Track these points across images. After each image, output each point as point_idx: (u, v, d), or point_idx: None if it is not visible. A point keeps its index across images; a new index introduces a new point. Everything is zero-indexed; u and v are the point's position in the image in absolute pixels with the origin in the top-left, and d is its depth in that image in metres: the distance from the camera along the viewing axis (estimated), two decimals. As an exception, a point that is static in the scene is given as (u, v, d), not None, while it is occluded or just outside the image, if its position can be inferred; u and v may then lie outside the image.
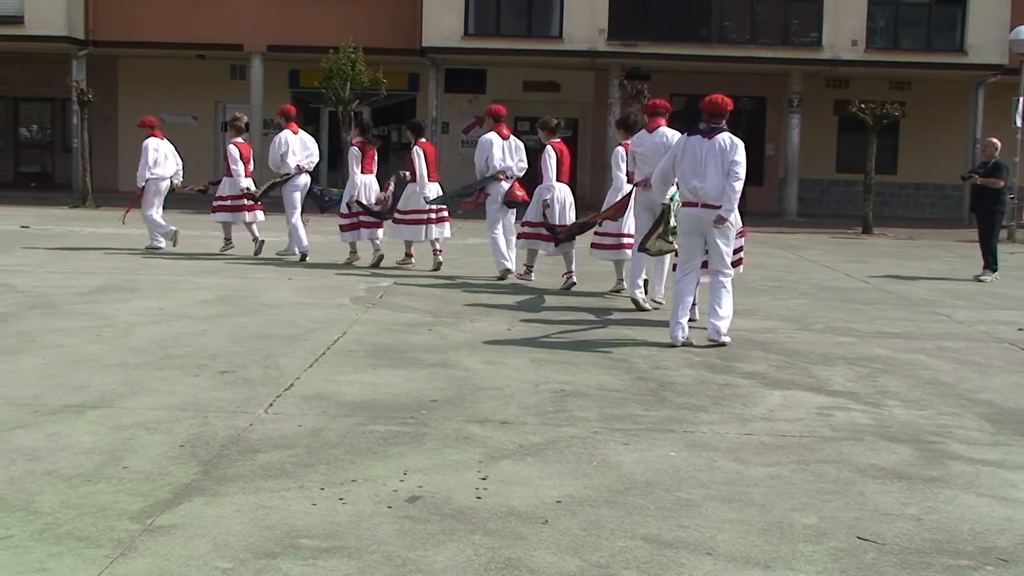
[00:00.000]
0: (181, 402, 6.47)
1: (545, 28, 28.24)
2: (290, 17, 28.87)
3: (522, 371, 7.69)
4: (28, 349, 7.96)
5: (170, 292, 11.14)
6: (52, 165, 32.54)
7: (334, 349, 8.29)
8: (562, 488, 5.05)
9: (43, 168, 32.76)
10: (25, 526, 4.39)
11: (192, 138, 28.17)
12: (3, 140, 33.28)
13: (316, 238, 15.79)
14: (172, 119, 29.78)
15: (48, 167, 32.64)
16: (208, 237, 16.69)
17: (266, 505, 4.71)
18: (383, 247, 14.36)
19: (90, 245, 15.74)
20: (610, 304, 11.29)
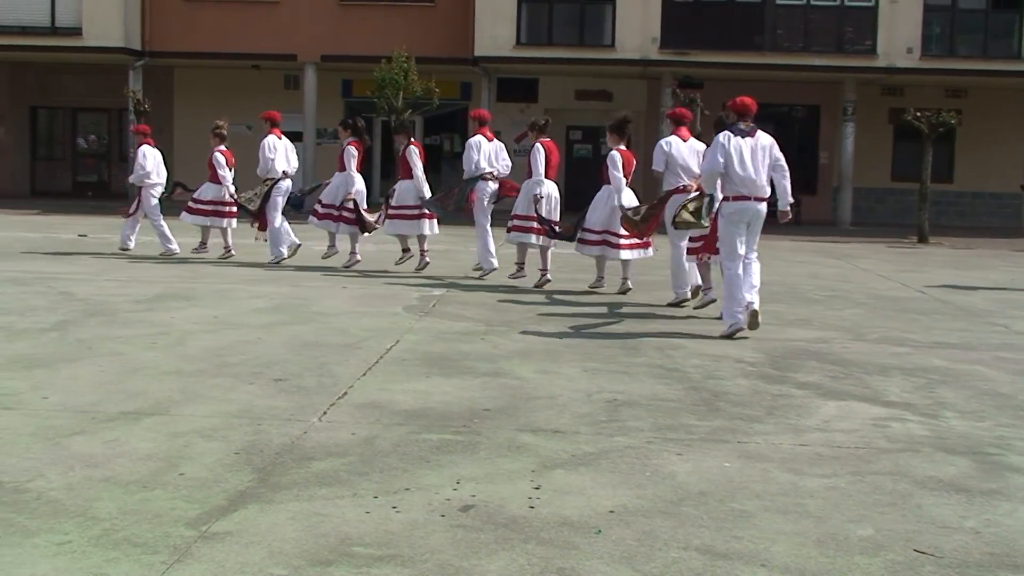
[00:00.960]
0: (236, 410, 6.52)
1: (597, 37, 28.24)
2: (343, 27, 29.09)
3: (575, 380, 7.67)
4: (86, 356, 8.05)
5: (225, 301, 11.23)
6: (108, 174, 32.94)
7: (387, 358, 8.32)
8: (615, 498, 5.04)
9: (100, 177, 33.18)
10: (83, 532, 4.44)
11: (246, 148, 28.35)
12: (61, 150, 33.74)
13: (368, 247, 15.87)
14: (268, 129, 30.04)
15: (105, 176, 33.04)
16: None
17: (320, 513, 4.73)
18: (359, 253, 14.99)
19: (146, 253, 15.89)
20: (663, 312, 11.25)
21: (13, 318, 9.73)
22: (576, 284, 13.34)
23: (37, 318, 9.77)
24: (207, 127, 16.38)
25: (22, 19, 28.71)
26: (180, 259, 15.36)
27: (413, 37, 27.57)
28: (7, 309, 10.24)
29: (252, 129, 29.30)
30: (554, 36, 28.34)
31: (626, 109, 30.74)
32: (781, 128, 32.58)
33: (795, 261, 18.38)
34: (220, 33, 29.07)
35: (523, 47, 28.06)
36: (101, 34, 28.45)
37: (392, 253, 15.16)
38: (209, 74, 31.36)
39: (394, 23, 28.68)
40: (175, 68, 31.39)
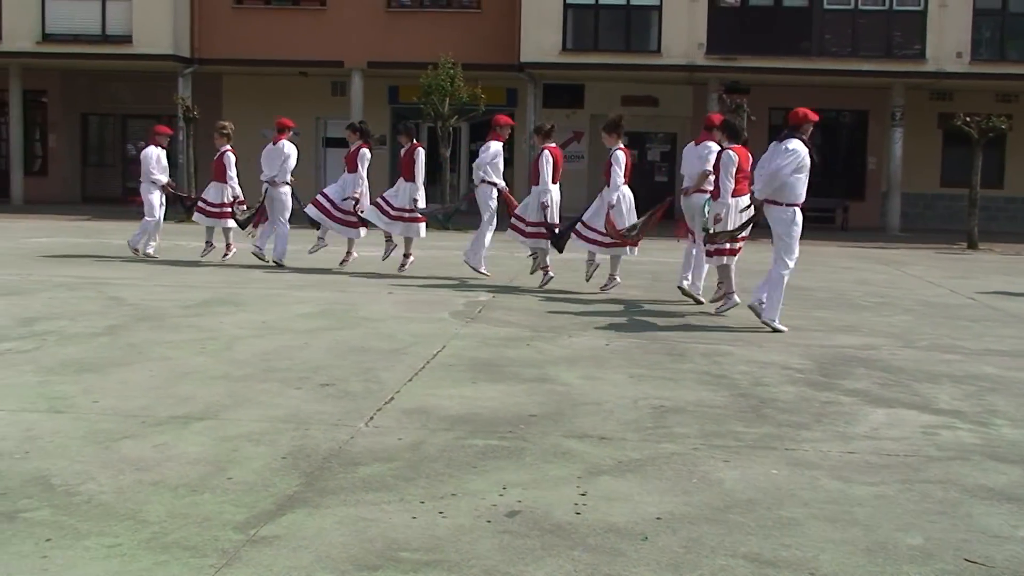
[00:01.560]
0: (283, 414, 6.56)
1: (643, 43, 28.19)
2: (390, 34, 29.21)
3: (621, 386, 7.66)
4: (136, 361, 8.13)
5: (273, 306, 11.30)
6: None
7: (433, 363, 8.34)
8: (662, 505, 5.02)
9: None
10: (133, 535, 4.48)
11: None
12: (111, 156, 34.08)
13: (421, 252, 15.91)
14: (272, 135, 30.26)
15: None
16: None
17: (367, 518, 4.75)
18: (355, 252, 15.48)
19: (194, 259, 16.01)
20: (710, 319, 11.20)
21: (64, 322, 9.84)
22: (623, 290, 13.30)
23: (88, 322, 9.88)
24: (255, 133, 16.56)
25: (74, 27, 29.05)
26: (224, 264, 15.47)
27: (459, 43, 27.63)
28: (59, 313, 10.36)
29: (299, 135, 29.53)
30: (600, 42, 28.31)
31: (672, 115, 30.85)
32: (829, 133, 32.46)
33: (842, 267, 18.26)
34: (268, 40, 29.28)
35: (569, 53, 28.06)
36: (151, 42, 28.73)
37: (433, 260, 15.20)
38: (257, 81, 31.58)
39: (441, 29, 28.78)
40: (223, 75, 31.65)
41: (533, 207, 13.55)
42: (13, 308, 10.65)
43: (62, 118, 33.46)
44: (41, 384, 7.26)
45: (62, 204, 31.12)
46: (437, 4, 30.06)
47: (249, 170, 17.12)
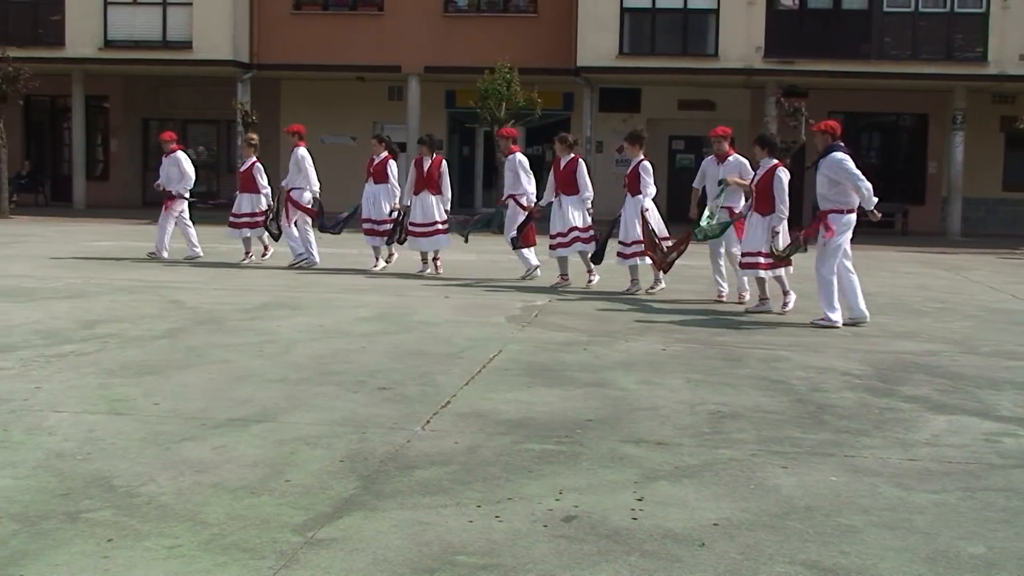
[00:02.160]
0: (341, 417, 6.59)
1: (700, 46, 28.07)
2: (447, 39, 29.30)
3: (678, 391, 7.63)
4: (195, 364, 8.21)
5: (330, 309, 11.36)
6: (217, 185, 33.51)
7: (490, 367, 8.35)
8: (719, 511, 4.99)
9: (208, 188, 33.76)
10: (193, 536, 4.52)
11: (350, 158, 28.66)
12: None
13: (471, 256, 15.93)
14: (331, 140, 30.54)
15: (214, 187, 33.62)
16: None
17: (423, 521, 4.76)
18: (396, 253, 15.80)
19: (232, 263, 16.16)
20: (768, 324, 11.13)
21: (125, 325, 9.95)
22: (679, 294, 13.25)
23: (148, 326, 9.99)
24: (314, 138, 16.68)
25: (135, 34, 29.39)
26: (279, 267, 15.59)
27: (516, 48, 27.66)
28: (120, 317, 10.48)
29: (356, 140, 29.69)
30: (657, 46, 28.22)
31: (729, 119, 30.68)
32: (888, 137, 32.20)
33: (902, 272, 18.07)
34: (326, 45, 29.46)
35: (626, 57, 28.00)
36: (211, 47, 29.01)
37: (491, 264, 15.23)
38: (315, 85, 31.78)
39: (497, 34, 28.82)
40: (282, 80, 31.88)
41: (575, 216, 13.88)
42: (75, 311, 10.80)
43: (123, 123, 33.87)
44: (102, 386, 7.35)
45: (123, 208, 31.48)
46: (494, 9, 30.11)
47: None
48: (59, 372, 7.78)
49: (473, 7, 30.06)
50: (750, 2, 27.27)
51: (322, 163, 16.39)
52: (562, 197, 14.00)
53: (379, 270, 15.50)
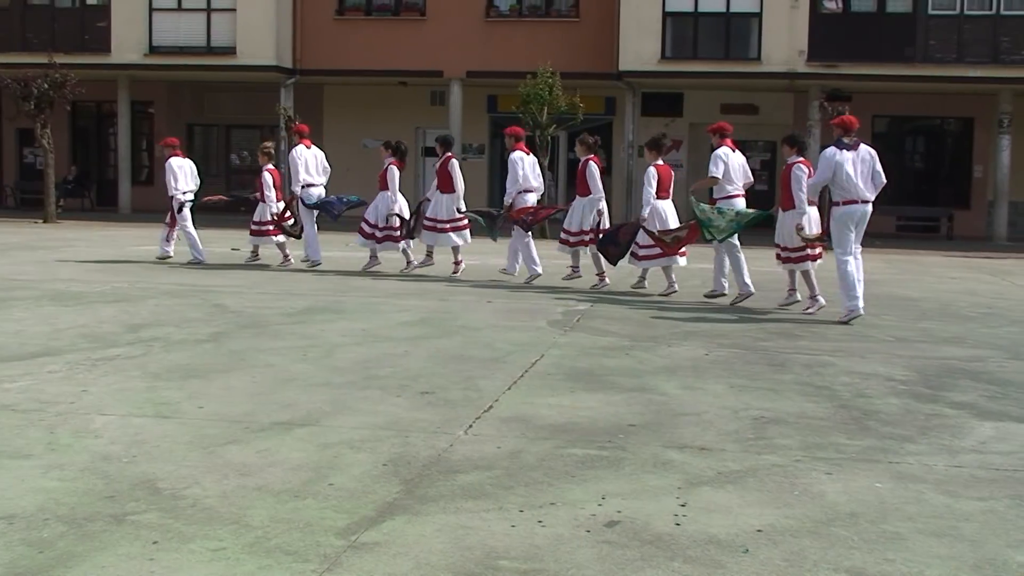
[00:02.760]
0: (384, 422, 6.61)
1: (743, 50, 27.97)
2: (489, 44, 29.35)
3: (721, 397, 7.60)
4: (239, 367, 8.26)
5: (373, 314, 11.40)
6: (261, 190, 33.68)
7: (532, 372, 8.35)
8: (763, 517, 4.97)
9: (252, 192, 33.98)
10: (237, 539, 4.54)
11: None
12: (215, 166, 34.69)
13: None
14: (373, 144, 30.55)
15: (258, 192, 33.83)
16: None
17: (466, 525, 4.76)
18: (412, 255, 16.03)
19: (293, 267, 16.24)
20: (811, 329, 11.06)
21: (170, 329, 10.03)
22: (722, 300, 13.20)
23: (192, 329, 10.06)
24: (356, 142, 16.87)
25: (179, 40, 29.66)
26: (322, 271, 15.67)
27: (558, 52, 27.66)
28: (164, 320, 10.57)
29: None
30: (699, 50, 28.15)
31: (772, 122, 30.56)
32: (933, 141, 31.93)
33: (947, 277, 17.93)
34: (369, 50, 29.60)
35: (668, 61, 27.95)
36: (254, 53, 29.22)
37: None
38: (357, 91, 31.93)
39: (539, 39, 28.84)
40: (324, 85, 32.04)
41: (582, 216, 14.27)
42: (121, 315, 10.89)
43: (168, 128, 34.11)
44: (148, 389, 7.41)
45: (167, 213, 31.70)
46: (535, 13, 30.14)
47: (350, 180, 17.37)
48: (105, 375, 7.85)
49: (515, 12, 30.09)
50: (793, 6, 27.16)
51: (364, 167, 16.51)
52: (577, 197, 14.52)
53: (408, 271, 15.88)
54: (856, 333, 10.82)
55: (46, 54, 27.72)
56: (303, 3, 30.18)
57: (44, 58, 27.43)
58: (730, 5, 27.83)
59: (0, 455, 5.71)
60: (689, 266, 14.12)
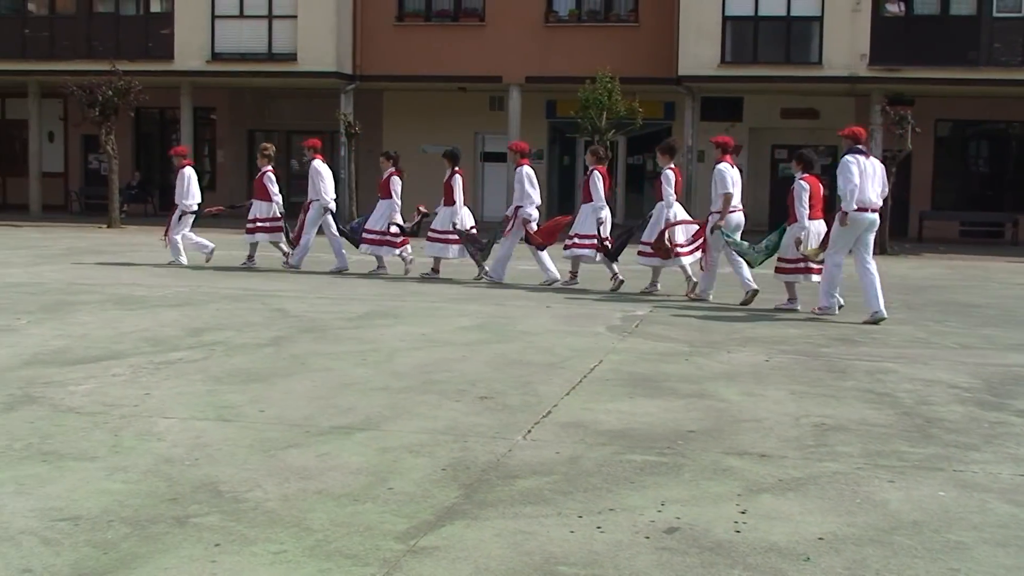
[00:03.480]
0: (443, 426, 6.63)
1: (804, 54, 27.75)
2: (548, 49, 29.35)
3: (781, 403, 7.55)
4: (299, 372, 8.32)
5: (432, 319, 11.44)
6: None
7: (591, 377, 8.34)
8: (824, 525, 4.93)
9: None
10: (298, 542, 4.58)
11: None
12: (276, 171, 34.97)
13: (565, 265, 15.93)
14: (433, 150, 30.68)
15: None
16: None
17: (525, 531, 4.76)
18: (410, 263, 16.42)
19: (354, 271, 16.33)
20: (872, 336, 10.96)
21: (231, 333, 10.12)
22: (765, 303, 13.11)
23: (254, 334, 10.14)
24: (415, 148, 17.07)
25: (241, 47, 29.92)
26: (383, 277, 15.75)
27: (617, 57, 27.59)
28: (226, 325, 10.66)
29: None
30: (760, 54, 27.96)
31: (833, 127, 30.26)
32: (997, 145, 31.51)
33: (1012, 283, 17.69)
34: (428, 56, 29.70)
35: (728, 66, 27.80)
36: (315, 59, 29.41)
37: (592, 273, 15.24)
38: (416, 96, 32.04)
39: (598, 43, 28.79)
40: (384, 91, 32.20)
41: (589, 223, 14.65)
42: (183, 319, 11.01)
43: (229, 134, 34.47)
44: (209, 393, 7.48)
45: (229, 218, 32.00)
46: (595, 18, 30.10)
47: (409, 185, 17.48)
48: (168, 379, 7.94)
49: (574, 17, 30.07)
50: (855, 9, 26.91)
51: (423, 172, 16.63)
52: (582, 205, 15.01)
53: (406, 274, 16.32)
54: (919, 339, 10.71)
55: (111, 61, 28.11)
56: (363, 9, 30.34)
57: (109, 65, 27.81)
58: (791, 9, 27.62)
59: (66, 457, 5.79)
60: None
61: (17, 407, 6.97)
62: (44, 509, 4.92)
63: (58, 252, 19.10)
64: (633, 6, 29.76)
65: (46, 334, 9.92)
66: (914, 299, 13.60)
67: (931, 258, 23.09)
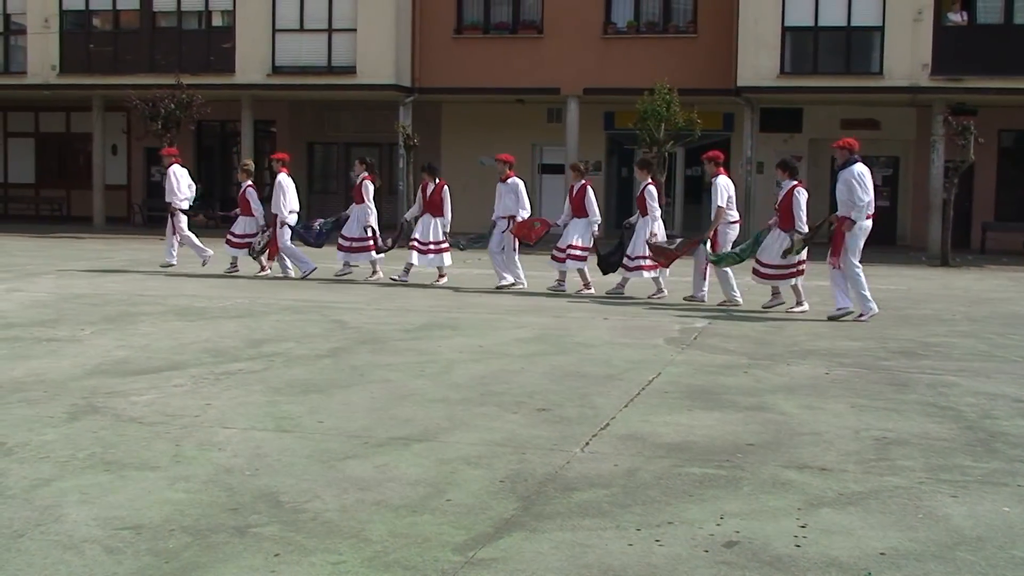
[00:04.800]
0: (500, 438, 6.63)
1: (864, 64, 27.49)
2: (606, 60, 29.32)
3: (841, 416, 7.48)
4: (358, 383, 8.36)
5: (489, 330, 11.45)
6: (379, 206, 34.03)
7: (649, 389, 8.31)
8: (886, 540, 4.87)
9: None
10: (356, 553, 4.60)
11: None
12: (335, 183, 35.21)
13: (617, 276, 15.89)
14: (489, 162, 30.74)
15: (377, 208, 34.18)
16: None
17: (583, 543, 4.75)
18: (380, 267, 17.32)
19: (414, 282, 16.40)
20: (933, 348, 10.83)
21: (291, 344, 10.20)
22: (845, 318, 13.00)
23: (313, 345, 10.21)
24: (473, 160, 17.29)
25: (301, 60, 30.15)
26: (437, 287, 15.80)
27: (675, 68, 27.51)
28: (285, 336, 10.74)
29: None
30: (819, 65, 27.72)
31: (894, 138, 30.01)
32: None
33: (1078, 296, 17.41)
34: (486, 68, 29.76)
35: (787, 76, 27.60)
36: (374, 72, 29.56)
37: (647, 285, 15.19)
38: (474, 108, 32.11)
39: (656, 55, 28.71)
40: (443, 103, 32.31)
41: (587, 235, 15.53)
42: (243, 330, 11.10)
43: (289, 147, 34.68)
44: (269, 404, 7.54)
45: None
46: (653, 30, 30.01)
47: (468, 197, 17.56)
48: (228, 389, 8.01)
49: (632, 28, 30.01)
50: (917, 19, 26.63)
51: (481, 184, 16.69)
52: (574, 219, 15.70)
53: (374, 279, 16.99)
54: (982, 352, 10.57)
55: (173, 75, 28.44)
56: (422, 22, 30.47)
57: (171, 79, 28.15)
58: (851, 19, 27.37)
59: (128, 466, 5.86)
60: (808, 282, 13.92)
61: (81, 417, 7.07)
62: (107, 518, 4.98)
63: (120, 263, 19.32)
64: (692, 17, 29.64)
65: (108, 345, 10.05)
66: (976, 312, 13.41)
67: (994, 270, 22.78)
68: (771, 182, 30.12)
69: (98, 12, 31.77)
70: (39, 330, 10.90)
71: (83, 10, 31.59)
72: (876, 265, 14.79)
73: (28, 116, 36.23)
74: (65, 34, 31.54)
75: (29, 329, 10.94)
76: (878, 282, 17.13)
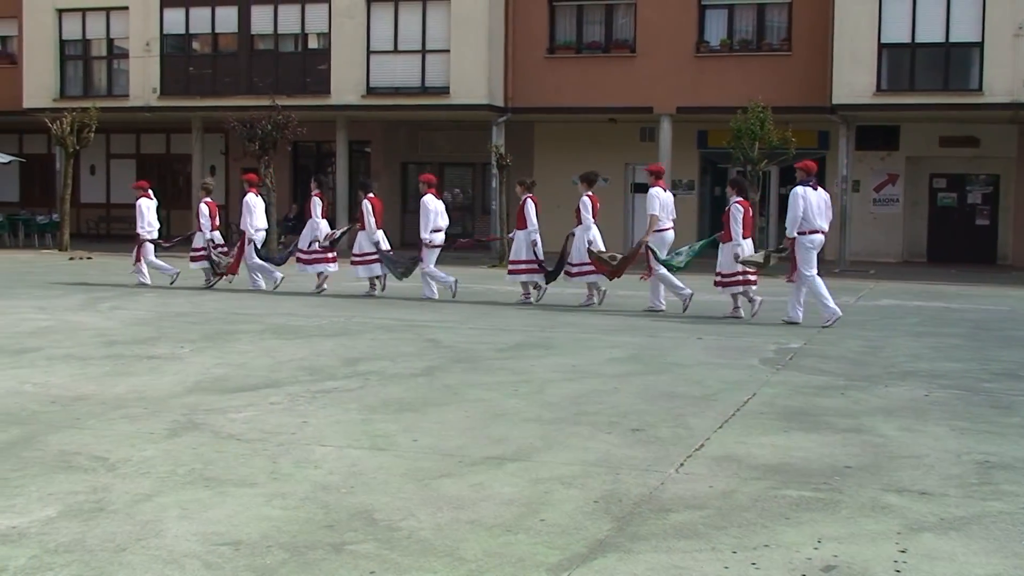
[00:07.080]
0: (594, 458, 6.62)
1: (963, 81, 27.03)
2: (699, 79, 29.18)
3: (942, 439, 7.34)
4: (452, 402, 8.40)
5: (583, 349, 11.44)
6: (472, 226, 34.23)
7: (744, 410, 8.23)
8: (989, 566, 4.77)
9: (464, 228, 34.49)
10: (451, 571, 4.61)
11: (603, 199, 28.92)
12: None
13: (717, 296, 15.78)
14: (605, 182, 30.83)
15: (469, 227, 34.33)
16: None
17: (678, 565, 4.72)
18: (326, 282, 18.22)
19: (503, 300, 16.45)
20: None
21: (385, 363, 10.27)
22: (942, 339, 12.76)
23: (407, 363, 10.28)
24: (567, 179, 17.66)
25: (395, 81, 30.47)
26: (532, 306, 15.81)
27: (769, 86, 27.32)
28: (380, 355, 10.83)
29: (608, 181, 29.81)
30: (917, 81, 27.33)
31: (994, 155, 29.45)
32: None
33: None
34: (579, 88, 29.79)
35: (883, 94, 27.25)
36: (467, 93, 29.75)
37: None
38: (567, 128, 32.16)
39: (750, 73, 28.53)
40: (535, 123, 32.40)
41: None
42: (339, 348, 11.22)
43: (384, 167, 35.05)
44: (364, 422, 7.60)
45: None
46: (746, 48, 29.82)
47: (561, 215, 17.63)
48: (324, 407, 8.10)
49: (725, 47, 29.84)
50: (1017, 34, 26.15)
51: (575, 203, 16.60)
52: (516, 232, 16.79)
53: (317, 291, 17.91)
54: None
55: (270, 97, 28.90)
56: (515, 43, 30.60)
57: (268, 100, 28.60)
58: (949, 35, 26.96)
59: (227, 483, 5.94)
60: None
61: (181, 433, 7.19)
62: (206, 533, 5.06)
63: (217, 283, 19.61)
64: (786, 35, 29.41)
65: (207, 362, 10.22)
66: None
67: None
68: (867, 200, 29.88)
69: (197, 35, 32.40)
70: (140, 347, 11.12)
71: (183, 34, 32.28)
72: (976, 285, 14.51)
73: (130, 138, 37.07)
74: (165, 57, 32.25)
75: (130, 347, 11.17)
76: (979, 303, 16.85)
